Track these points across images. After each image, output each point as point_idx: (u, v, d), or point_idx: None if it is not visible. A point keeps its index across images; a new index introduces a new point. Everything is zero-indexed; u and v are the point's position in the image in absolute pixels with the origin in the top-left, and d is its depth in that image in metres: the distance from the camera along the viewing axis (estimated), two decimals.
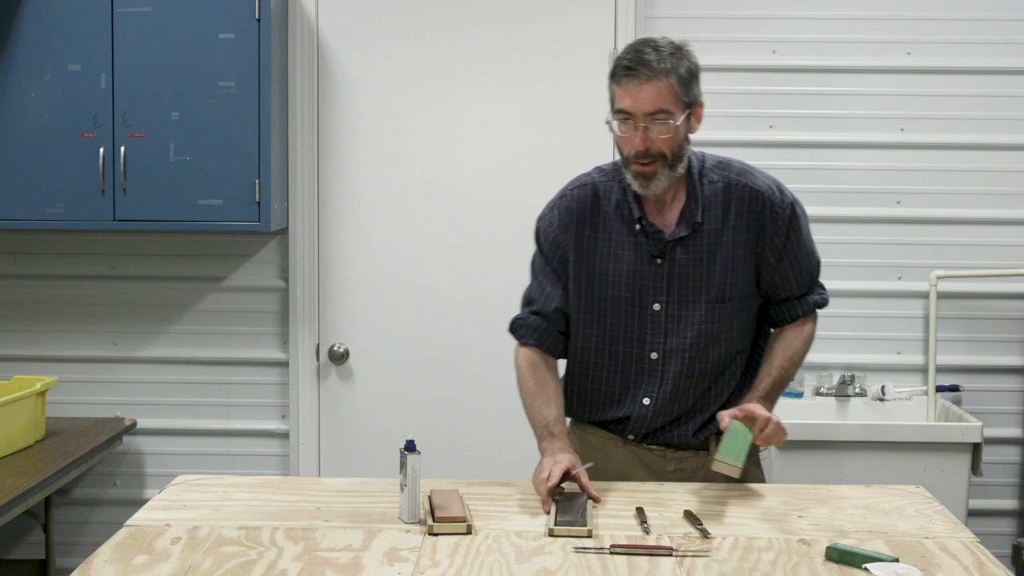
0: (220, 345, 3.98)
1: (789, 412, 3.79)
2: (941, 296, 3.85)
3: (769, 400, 2.53)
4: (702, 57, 3.86)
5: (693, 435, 2.58)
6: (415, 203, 3.94)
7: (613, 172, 2.56)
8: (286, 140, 3.87)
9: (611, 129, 2.44)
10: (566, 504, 2.29)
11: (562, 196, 2.59)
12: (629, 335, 2.54)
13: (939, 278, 3.81)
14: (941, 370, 3.88)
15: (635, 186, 2.44)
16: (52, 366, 3.95)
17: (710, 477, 2.52)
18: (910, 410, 3.85)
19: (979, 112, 3.88)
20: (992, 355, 3.94)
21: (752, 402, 2.48)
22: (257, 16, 3.58)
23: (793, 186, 3.86)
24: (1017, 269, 3.85)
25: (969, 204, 3.90)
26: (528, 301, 2.62)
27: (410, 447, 2.26)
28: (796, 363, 2.60)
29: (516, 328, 2.63)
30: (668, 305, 2.51)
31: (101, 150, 3.62)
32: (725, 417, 2.40)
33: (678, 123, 2.39)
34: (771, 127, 3.91)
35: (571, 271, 2.55)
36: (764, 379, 2.54)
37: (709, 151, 3.87)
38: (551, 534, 2.17)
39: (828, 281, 3.87)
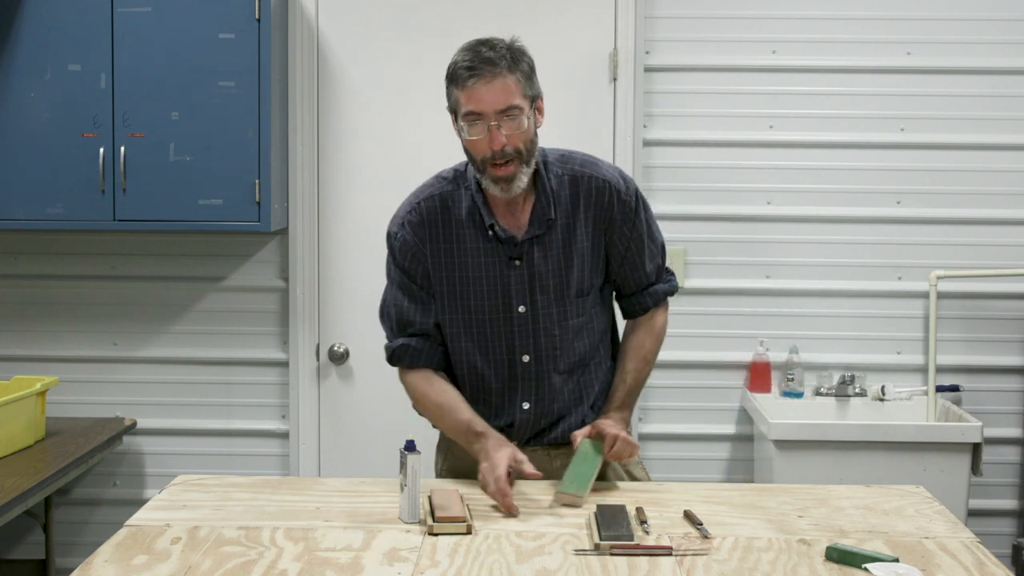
0: (220, 345, 3.98)
1: (789, 412, 3.80)
2: (941, 296, 3.85)
3: (626, 408, 2.54)
4: (702, 57, 3.91)
5: (578, 429, 2.55)
6: None
7: (456, 179, 2.52)
8: (286, 140, 3.87)
9: (460, 135, 2.40)
10: (608, 518, 2.20)
11: (410, 210, 2.53)
12: (498, 341, 2.51)
13: (939, 278, 3.81)
14: (941, 370, 3.88)
15: (495, 191, 2.40)
16: (52, 366, 3.94)
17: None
18: (910, 410, 3.85)
19: (979, 112, 3.88)
20: (992, 355, 3.94)
21: (608, 414, 2.49)
22: (257, 16, 3.59)
23: (793, 186, 3.93)
24: (1017, 269, 3.85)
25: (969, 204, 3.90)
26: (403, 324, 2.55)
27: (410, 447, 2.26)
28: (650, 362, 2.60)
29: (400, 356, 2.56)
30: (532, 306, 2.49)
31: (101, 150, 3.62)
32: (577, 437, 2.42)
33: (527, 117, 2.37)
34: (771, 127, 3.91)
35: (434, 284, 2.52)
36: (619, 387, 2.55)
37: (709, 151, 3.92)
38: (597, 548, 2.10)
39: (828, 281, 3.94)
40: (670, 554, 2.08)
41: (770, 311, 3.93)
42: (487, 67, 2.33)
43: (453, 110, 2.41)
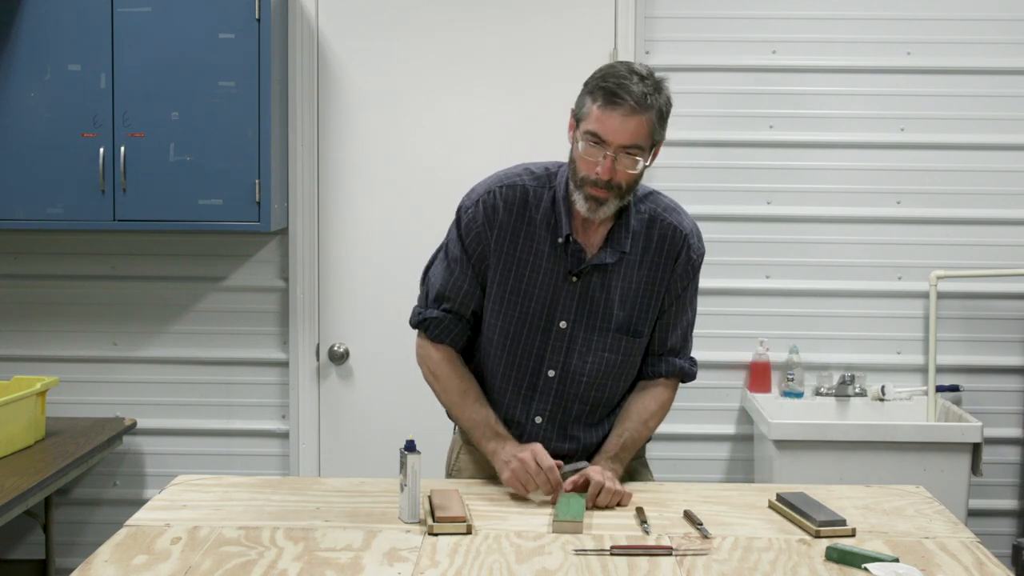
0: (220, 345, 3.98)
1: (789, 412, 3.80)
2: (941, 296, 3.85)
3: (618, 461, 2.48)
4: (702, 57, 3.91)
5: (589, 460, 2.54)
6: (415, 203, 3.94)
7: (545, 178, 2.48)
8: (286, 140, 3.88)
9: (573, 142, 2.36)
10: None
11: (489, 192, 2.47)
12: (530, 348, 2.48)
13: (939, 278, 3.81)
14: (941, 370, 3.88)
15: (582, 206, 2.36)
16: (52, 366, 3.94)
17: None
18: (910, 410, 3.86)
19: (979, 112, 3.88)
20: (992, 355, 3.94)
21: (600, 462, 2.45)
22: (257, 16, 3.59)
23: (793, 186, 3.93)
24: (1017, 269, 3.85)
25: (969, 204, 3.90)
26: (440, 297, 2.52)
27: (410, 447, 2.26)
28: (650, 428, 2.55)
29: (428, 326, 2.53)
30: (574, 325, 2.46)
31: (101, 150, 3.62)
32: (568, 486, 2.37)
33: (645, 162, 2.34)
34: (771, 127, 3.91)
35: (488, 271, 2.48)
36: (613, 440, 2.50)
37: (709, 151, 3.91)
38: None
39: (828, 281, 3.94)
40: (670, 554, 2.08)
41: (770, 311, 3.93)
42: (631, 101, 2.29)
43: (578, 116, 2.36)
